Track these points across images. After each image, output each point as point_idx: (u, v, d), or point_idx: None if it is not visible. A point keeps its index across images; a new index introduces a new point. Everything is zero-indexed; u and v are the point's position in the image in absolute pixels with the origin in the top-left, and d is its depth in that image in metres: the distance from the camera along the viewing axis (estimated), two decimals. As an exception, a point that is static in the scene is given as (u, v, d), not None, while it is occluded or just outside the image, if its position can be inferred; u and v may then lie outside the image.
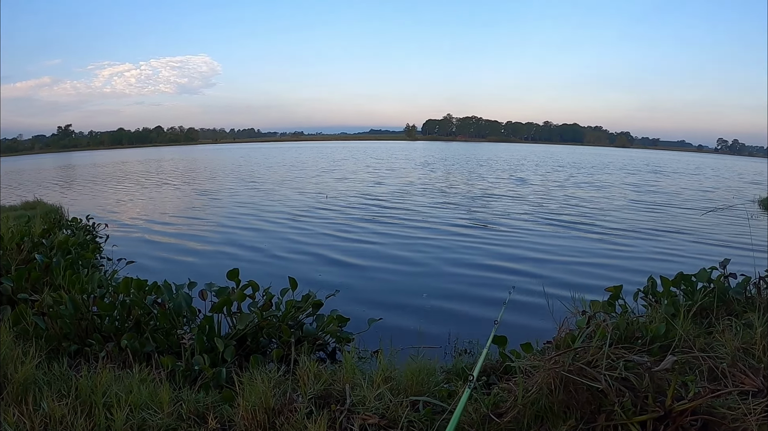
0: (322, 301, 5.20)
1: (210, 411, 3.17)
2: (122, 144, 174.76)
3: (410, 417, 3.09)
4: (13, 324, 4.30)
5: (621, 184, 26.10)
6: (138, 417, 3.05)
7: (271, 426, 3.01)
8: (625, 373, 2.92)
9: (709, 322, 4.34)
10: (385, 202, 16.99)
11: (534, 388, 2.96)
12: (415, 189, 21.38)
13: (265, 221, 13.55)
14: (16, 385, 3.26)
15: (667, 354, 3.13)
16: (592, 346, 3.06)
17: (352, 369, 3.64)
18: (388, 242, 10.73)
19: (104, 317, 4.52)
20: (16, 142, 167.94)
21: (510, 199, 18.43)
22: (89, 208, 15.85)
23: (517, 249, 10.00)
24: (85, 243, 8.13)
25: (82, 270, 5.98)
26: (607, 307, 4.57)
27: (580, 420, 2.90)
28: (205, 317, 4.52)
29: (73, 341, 4.37)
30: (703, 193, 22.94)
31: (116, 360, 3.99)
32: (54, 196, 20.17)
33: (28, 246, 6.79)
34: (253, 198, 18.97)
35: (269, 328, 4.72)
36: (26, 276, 5.43)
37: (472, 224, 12.86)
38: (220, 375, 3.71)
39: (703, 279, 4.78)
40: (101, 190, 24.44)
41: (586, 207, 16.48)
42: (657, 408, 2.81)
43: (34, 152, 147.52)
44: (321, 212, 14.94)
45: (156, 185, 25.98)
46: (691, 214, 15.27)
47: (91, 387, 3.25)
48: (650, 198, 19.89)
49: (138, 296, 4.70)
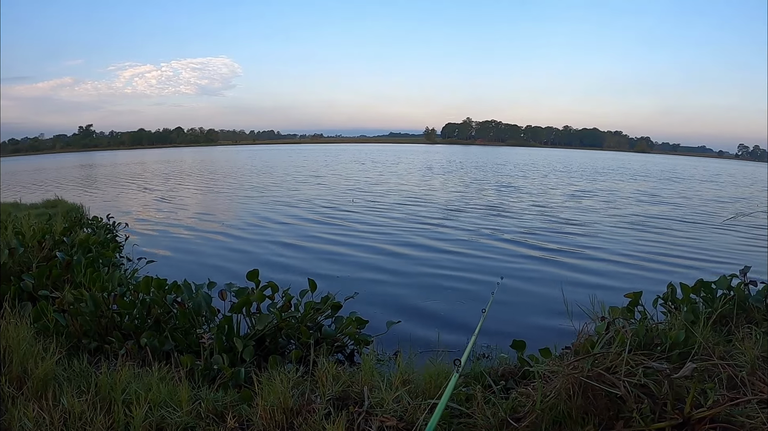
0: (341, 303, 5.19)
1: (228, 410, 3.19)
2: (142, 144, 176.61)
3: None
4: (34, 320, 4.34)
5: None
6: (157, 415, 3.08)
7: (290, 426, 3.03)
8: (644, 380, 2.90)
9: (729, 330, 4.29)
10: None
11: (552, 393, 2.95)
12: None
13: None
14: (36, 381, 3.29)
15: (687, 361, 3.10)
16: (611, 352, 3.05)
17: (371, 371, 3.65)
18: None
19: (124, 315, 4.58)
20: (38, 141, 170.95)
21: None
22: (108, 207, 15.97)
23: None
24: (105, 242, 8.23)
25: (102, 269, 6.01)
26: (627, 313, 4.54)
27: (599, 426, 2.88)
28: (225, 317, 4.55)
29: (93, 338, 4.43)
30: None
31: (136, 358, 4.03)
32: (74, 194, 20.40)
33: (50, 244, 6.86)
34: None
35: (288, 329, 4.73)
36: (47, 274, 5.48)
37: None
38: (238, 374, 3.73)
39: (723, 287, 4.72)
40: (120, 189, 24.65)
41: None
42: (676, 415, 2.79)
43: (55, 151, 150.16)
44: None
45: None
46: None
47: (110, 384, 3.28)
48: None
49: (158, 295, 4.74)
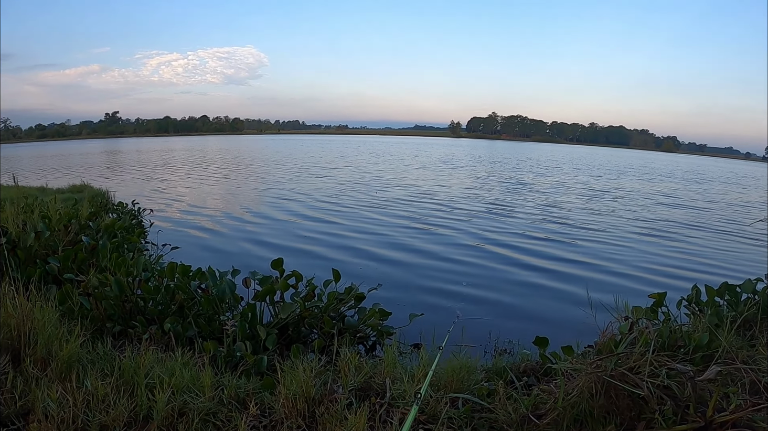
0: (365, 294, 5.20)
1: (251, 398, 3.23)
2: (168, 132, 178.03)
3: (450, 413, 3.11)
4: (59, 303, 4.38)
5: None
6: (179, 400, 3.12)
7: (311, 415, 3.06)
8: (668, 381, 2.88)
9: (752, 335, 4.25)
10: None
11: (575, 391, 2.94)
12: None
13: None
14: (61, 362, 3.36)
15: (710, 364, 3.07)
16: (635, 352, 3.02)
17: (393, 363, 3.66)
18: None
19: (148, 300, 4.65)
20: (64, 127, 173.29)
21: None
22: (134, 193, 16.15)
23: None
24: (130, 227, 8.35)
25: (127, 254, 6.11)
26: (650, 314, 4.50)
27: (620, 426, 2.88)
28: (248, 305, 4.59)
29: (117, 322, 4.50)
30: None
31: (159, 343, 4.10)
32: (100, 180, 20.65)
33: (75, 228, 6.95)
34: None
35: (311, 319, 4.77)
36: (73, 257, 5.54)
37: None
38: (261, 362, 3.77)
39: (748, 291, 4.66)
40: (147, 176, 24.90)
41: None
42: (698, 418, 2.78)
43: (81, 137, 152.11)
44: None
45: (215, 176, 25.75)
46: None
47: (134, 368, 3.33)
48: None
49: (182, 281, 4.80)
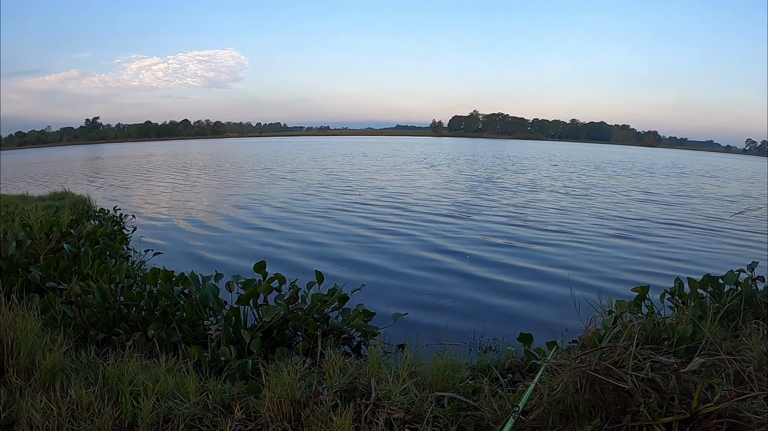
0: (348, 295, 5.20)
1: (236, 402, 3.21)
2: (149, 137, 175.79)
3: (435, 412, 3.10)
4: (42, 312, 4.32)
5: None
6: (164, 406, 3.09)
7: (297, 417, 3.04)
8: (652, 374, 2.89)
9: (736, 325, 4.30)
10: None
11: (560, 387, 2.95)
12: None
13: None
14: (44, 372, 3.31)
15: (694, 356, 3.09)
16: (618, 346, 3.04)
17: (378, 364, 3.65)
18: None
19: (132, 307, 4.60)
20: (45, 133, 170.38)
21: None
22: (115, 198, 16.02)
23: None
24: (112, 234, 8.24)
25: (109, 260, 6.02)
26: (634, 307, 4.53)
27: (606, 420, 2.88)
28: (232, 309, 4.57)
29: (101, 330, 4.45)
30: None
31: (143, 349, 4.06)
32: (81, 186, 20.46)
33: (57, 236, 6.85)
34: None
35: (295, 321, 4.75)
36: (55, 265, 5.47)
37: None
38: (245, 366, 3.75)
39: (731, 282, 4.71)
40: (128, 181, 24.71)
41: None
42: (683, 410, 2.79)
43: (62, 144, 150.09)
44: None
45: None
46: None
47: (118, 375, 3.29)
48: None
49: (165, 286, 4.76)
